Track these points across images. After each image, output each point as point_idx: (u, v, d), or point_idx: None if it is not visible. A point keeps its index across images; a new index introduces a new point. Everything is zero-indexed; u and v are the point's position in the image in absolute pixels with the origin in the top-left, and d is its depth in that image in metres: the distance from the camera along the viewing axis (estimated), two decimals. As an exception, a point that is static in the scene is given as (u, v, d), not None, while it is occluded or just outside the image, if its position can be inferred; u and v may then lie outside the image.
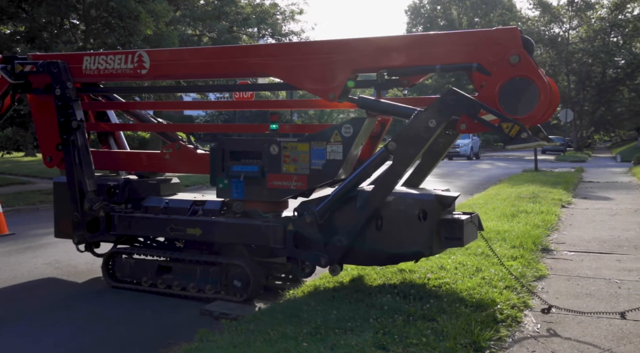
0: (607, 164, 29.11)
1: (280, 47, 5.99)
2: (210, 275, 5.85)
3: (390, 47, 5.40)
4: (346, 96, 5.54)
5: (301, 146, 5.50)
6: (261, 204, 5.74)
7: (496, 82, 4.86)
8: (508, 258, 6.47)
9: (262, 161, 5.62)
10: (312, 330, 4.24)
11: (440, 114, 4.92)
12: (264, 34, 33.42)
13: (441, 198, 5.11)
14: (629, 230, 8.72)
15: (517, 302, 5.00)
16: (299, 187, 5.51)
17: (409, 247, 5.14)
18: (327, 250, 5.29)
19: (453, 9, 60.63)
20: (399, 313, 4.57)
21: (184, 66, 6.25)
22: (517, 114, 4.80)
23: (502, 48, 4.88)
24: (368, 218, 5.14)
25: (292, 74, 5.68)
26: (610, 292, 5.39)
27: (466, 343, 3.93)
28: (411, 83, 5.48)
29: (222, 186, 5.79)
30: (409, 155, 5.05)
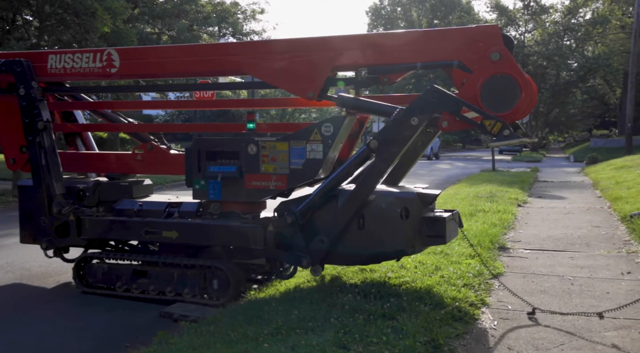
0: (561, 164, 29.96)
1: (257, 44, 5.85)
2: (189, 278, 5.74)
3: (371, 45, 5.38)
4: (325, 94, 5.51)
5: (280, 145, 5.43)
6: (239, 205, 5.66)
7: (477, 79, 4.89)
8: (466, 257, 6.59)
9: (240, 161, 5.53)
10: (273, 331, 4.23)
11: (422, 111, 4.91)
12: (224, 33, 33.11)
13: (423, 196, 5.12)
14: (581, 228, 9.00)
15: (475, 300, 5.10)
16: (279, 187, 5.45)
17: (392, 246, 5.14)
18: (309, 250, 5.24)
19: (413, 11, 61.36)
20: (360, 312, 4.59)
21: (157, 65, 6.08)
22: (498, 111, 4.83)
23: (483, 45, 4.91)
24: (350, 217, 5.11)
25: (269, 73, 5.60)
26: (563, 289, 5.55)
27: (425, 341, 3.98)
28: (391, 81, 5.43)
29: (198, 187, 5.67)
30: (392, 153, 5.03)
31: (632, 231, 8.31)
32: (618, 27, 45.80)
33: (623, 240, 7.96)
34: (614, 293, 5.36)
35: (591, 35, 45.98)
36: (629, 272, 6.11)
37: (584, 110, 54.63)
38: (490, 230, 8.09)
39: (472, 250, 6.84)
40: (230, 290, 5.52)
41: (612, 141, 40.25)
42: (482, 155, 38.20)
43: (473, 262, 6.33)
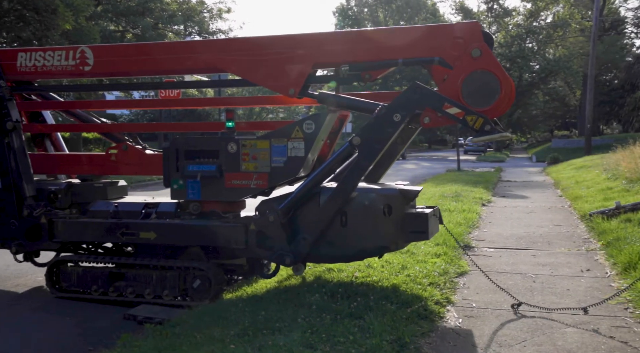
0: (523, 164, 30.58)
1: (238, 41, 5.75)
2: (168, 280, 5.63)
3: (352, 42, 5.37)
4: (306, 92, 5.47)
5: (261, 143, 5.37)
6: (219, 205, 5.60)
7: (458, 75, 4.93)
8: (432, 256, 6.66)
9: (219, 160, 5.46)
10: (239, 332, 4.20)
11: (405, 108, 4.93)
12: (190, 32, 32.79)
13: (405, 193, 5.14)
14: (542, 227, 9.20)
15: (440, 298, 5.16)
16: (260, 186, 5.39)
17: (375, 242, 5.15)
18: (292, 248, 5.21)
19: (380, 12, 61.83)
20: (327, 312, 4.60)
21: (135, 62, 5.95)
22: (479, 106, 4.88)
23: (464, 42, 4.96)
24: (333, 215, 5.09)
25: (250, 70, 5.54)
26: (525, 286, 5.66)
27: (392, 340, 4.01)
28: (373, 78, 5.42)
29: (177, 187, 5.58)
30: (374, 150, 5.02)
31: (591, 229, 8.54)
32: (578, 31, 47.02)
33: (583, 238, 8.17)
34: (574, 290, 5.50)
35: (552, 38, 47.07)
36: (588, 269, 6.27)
37: (545, 111, 55.93)
38: (455, 229, 8.20)
39: (438, 248, 6.95)
40: (211, 291, 5.44)
41: (573, 141, 41.30)
42: (447, 155, 38.73)
43: (439, 261, 6.41)
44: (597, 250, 7.21)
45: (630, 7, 50.26)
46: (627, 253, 6.21)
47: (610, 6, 49.65)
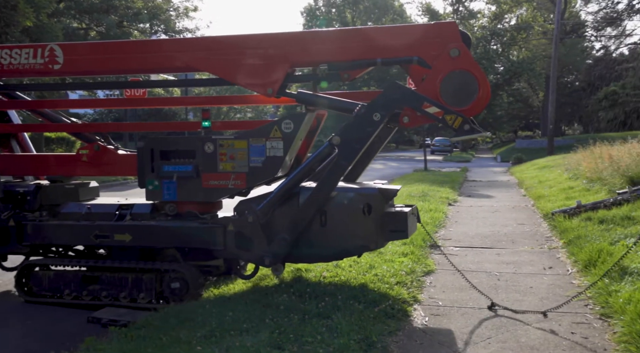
0: (488, 164, 31.12)
1: (214, 40, 5.64)
2: (144, 282, 5.51)
3: (331, 41, 5.35)
4: (284, 91, 5.43)
5: (239, 143, 5.31)
6: (196, 206, 5.51)
7: (437, 75, 4.96)
8: (399, 255, 6.72)
9: (196, 160, 5.38)
10: (206, 333, 4.17)
11: (384, 107, 4.95)
12: (156, 31, 32.36)
13: (384, 192, 5.14)
14: (507, 226, 9.37)
15: (407, 297, 5.21)
16: (238, 186, 5.33)
17: (355, 241, 5.15)
18: (271, 249, 5.17)
19: (347, 12, 62.08)
20: (295, 312, 4.60)
21: (107, 61, 5.78)
22: (458, 106, 4.93)
23: (442, 42, 4.99)
24: (313, 215, 5.07)
25: (227, 69, 5.46)
26: (490, 284, 5.76)
27: (359, 339, 4.03)
28: (352, 77, 5.41)
29: (152, 187, 5.48)
30: (354, 149, 5.03)
31: (553, 228, 8.73)
32: (540, 33, 48.05)
33: (545, 236, 8.35)
34: (537, 287, 5.61)
35: (516, 40, 48.04)
36: (550, 267, 6.42)
37: (510, 112, 57.01)
38: (422, 229, 8.27)
39: (405, 247, 7.01)
40: (189, 293, 5.36)
41: (536, 142, 42.20)
42: (414, 155, 39.13)
43: (406, 260, 6.47)
44: (559, 248, 7.38)
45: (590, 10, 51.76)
46: (587, 251, 6.37)
47: (571, 10, 50.88)
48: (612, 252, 6.13)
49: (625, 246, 6.43)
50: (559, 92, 40.84)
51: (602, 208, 8.79)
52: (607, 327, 4.40)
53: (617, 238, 6.88)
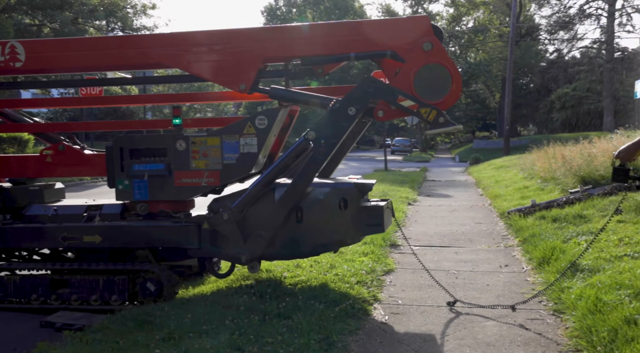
0: (447, 164, 31.65)
1: (185, 36, 5.51)
2: (117, 284, 5.35)
3: (304, 36, 5.29)
4: (257, 87, 5.36)
5: (211, 140, 5.23)
6: (168, 205, 5.40)
7: (410, 69, 4.97)
8: (360, 254, 6.77)
9: (168, 158, 5.28)
10: (165, 336, 4.11)
11: (359, 101, 4.94)
12: (113, 28, 31.68)
13: (360, 186, 5.14)
14: (465, 225, 9.55)
15: (367, 296, 5.25)
16: (211, 183, 5.25)
17: (331, 237, 5.13)
18: (247, 246, 5.11)
19: (308, 12, 62.16)
20: (255, 312, 4.58)
21: (73, 58, 5.56)
22: (431, 99, 4.95)
23: (415, 36, 5.00)
24: (289, 211, 5.04)
25: (198, 65, 5.35)
26: (449, 282, 5.86)
27: (319, 339, 4.04)
28: (325, 72, 5.37)
29: (122, 187, 5.34)
30: (330, 144, 5.00)
31: (509, 226, 8.94)
32: (496, 36, 49.17)
33: (501, 234, 8.55)
34: (493, 285, 5.74)
35: (473, 42, 49.00)
36: (507, 265, 6.57)
37: (468, 113, 58.07)
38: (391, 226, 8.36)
39: (365, 247, 7.06)
40: (164, 293, 5.25)
41: (493, 142, 43.11)
42: (375, 155, 39.46)
43: (366, 260, 6.52)
44: (514, 246, 7.56)
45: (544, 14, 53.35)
46: (542, 248, 6.55)
47: (525, 13, 52.19)
48: (565, 250, 6.32)
49: (577, 243, 6.65)
50: (515, 94, 41.82)
51: (555, 207, 9.05)
52: (559, 323, 4.53)
53: (570, 236, 7.10)
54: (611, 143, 12.08)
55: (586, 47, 47.27)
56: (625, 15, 43.55)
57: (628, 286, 4.65)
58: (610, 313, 4.10)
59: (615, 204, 8.23)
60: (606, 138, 13.67)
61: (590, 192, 9.26)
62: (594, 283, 4.90)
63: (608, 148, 11.40)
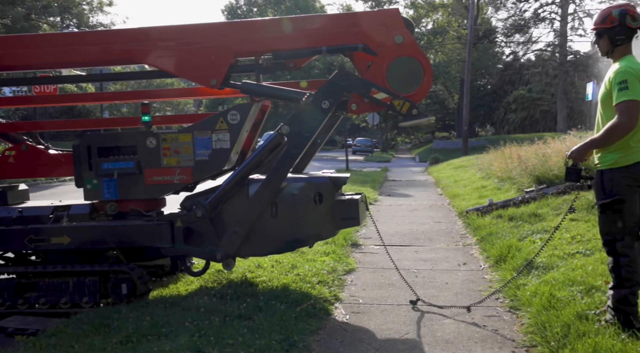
0: (407, 164, 32.03)
1: (154, 31, 5.35)
2: (87, 286, 5.18)
3: (275, 30, 5.23)
4: (228, 82, 5.29)
5: (183, 136, 5.13)
6: (139, 203, 5.28)
7: (383, 62, 4.97)
8: (321, 254, 6.79)
9: (138, 156, 5.16)
10: (122, 339, 4.03)
11: (332, 95, 4.93)
12: (68, 25, 30.90)
13: (335, 180, 5.12)
14: (424, 224, 9.69)
15: (329, 296, 5.27)
16: (184, 180, 5.15)
17: (307, 231, 5.10)
18: (222, 243, 5.04)
19: (269, 12, 61.96)
20: (216, 314, 4.54)
21: (36, 54, 5.35)
22: (404, 91, 4.96)
23: (386, 29, 4.99)
24: (264, 206, 4.99)
25: (167, 60, 5.23)
26: (409, 281, 5.90)
27: (281, 339, 4.04)
28: (297, 66, 5.33)
29: (90, 186, 5.20)
30: (304, 138, 4.97)
31: (467, 225, 9.12)
32: (455, 38, 50.08)
33: (460, 233, 8.71)
34: (452, 283, 5.84)
35: (432, 44, 49.73)
36: (465, 263, 6.69)
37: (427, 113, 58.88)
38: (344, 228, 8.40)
39: (327, 247, 7.08)
40: (137, 294, 5.12)
41: (451, 142, 43.89)
42: (337, 155, 39.61)
43: (328, 259, 6.54)
44: (472, 245, 7.71)
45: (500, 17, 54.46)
46: (498, 247, 6.71)
47: (483, 16, 53.32)
48: (521, 248, 6.49)
49: (532, 241, 6.82)
50: (473, 95, 42.68)
51: (511, 206, 9.28)
52: (515, 319, 4.65)
53: (525, 234, 7.29)
54: (564, 144, 12.44)
55: (541, 50, 48.65)
56: (577, 19, 45.22)
57: (580, 282, 4.81)
58: (563, 309, 4.23)
59: (568, 203, 8.49)
60: (559, 138, 14.06)
61: (544, 191, 9.53)
62: (548, 280, 5.05)
63: (561, 148, 11.75)
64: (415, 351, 4.05)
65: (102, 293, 5.22)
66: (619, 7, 3.94)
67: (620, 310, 3.84)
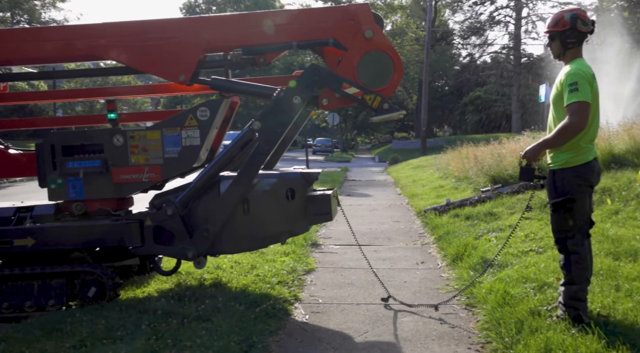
0: (367, 164, 32.27)
1: (121, 26, 5.19)
2: (54, 288, 4.99)
3: (245, 25, 5.16)
4: (197, 78, 5.19)
5: (151, 134, 5.03)
6: (106, 202, 5.13)
7: (353, 56, 4.95)
8: (281, 254, 6.77)
9: (104, 154, 5.03)
10: (76, 343, 3.93)
11: (304, 90, 4.89)
12: (19, 21, 29.94)
13: (306, 176, 5.08)
14: (384, 224, 9.77)
15: (288, 296, 5.26)
16: (153, 178, 5.05)
17: (280, 227, 5.05)
18: (194, 241, 4.95)
19: (228, 10, 61.45)
20: (173, 316, 4.47)
21: None
22: (375, 86, 4.95)
23: (356, 23, 4.98)
24: (235, 203, 4.92)
25: (135, 56, 5.10)
26: (368, 280, 5.97)
27: (239, 340, 4.01)
28: (267, 61, 5.27)
29: (55, 186, 5.04)
30: (276, 134, 4.93)
31: (425, 224, 9.24)
32: (413, 39, 50.67)
33: (418, 232, 8.82)
34: (410, 281, 5.91)
35: (392, 45, 50.17)
36: (423, 262, 6.79)
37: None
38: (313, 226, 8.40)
39: (287, 247, 7.07)
40: (106, 295, 4.97)
41: (410, 142, 44.44)
42: (297, 156, 39.57)
43: (287, 259, 6.53)
44: (430, 244, 7.82)
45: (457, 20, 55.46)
46: (455, 245, 6.83)
47: (441, 18, 54.16)
48: (477, 246, 6.62)
49: (487, 240, 6.97)
50: (431, 96, 43.35)
51: (468, 205, 9.46)
52: (472, 316, 4.74)
53: (481, 233, 7.44)
54: (518, 144, 12.75)
55: (496, 53, 49.66)
56: (531, 23, 46.25)
57: (533, 279, 4.93)
58: (517, 306, 4.34)
59: (522, 202, 8.71)
60: (514, 139, 14.41)
61: (499, 191, 9.75)
62: (502, 277, 5.16)
63: (516, 148, 12.04)
64: (374, 350, 4.08)
65: (69, 296, 5.07)
66: (571, 11, 4.07)
67: (571, 306, 3.96)
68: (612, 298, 4.29)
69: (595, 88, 3.96)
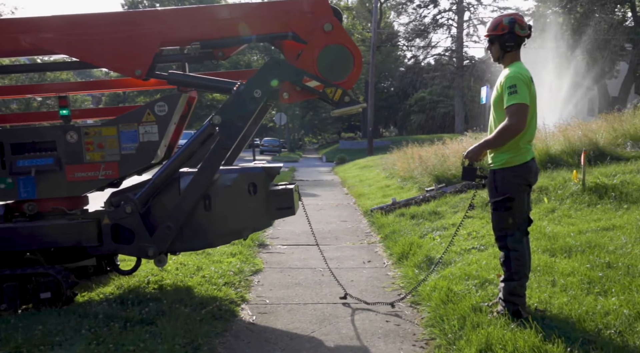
0: (315, 164, 32.35)
1: (71, 19, 4.95)
2: (5, 292, 4.72)
3: (203, 18, 5.05)
4: (154, 72, 5.04)
5: (107, 130, 4.86)
6: (60, 202, 4.92)
7: (313, 50, 4.93)
8: (228, 255, 6.70)
9: (57, 152, 4.82)
10: (11, 350, 3.77)
11: (264, 83, 4.83)
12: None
13: (269, 170, 5.01)
14: (331, 223, 9.83)
15: (235, 297, 5.21)
16: (109, 176, 4.87)
17: (242, 223, 4.96)
18: (154, 239, 4.80)
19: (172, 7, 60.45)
20: (116, 320, 4.36)
21: None
22: (335, 79, 4.94)
23: (315, 17, 4.96)
24: (197, 199, 4.80)
25: (88, 51, 4.90)
26: (315, 280, 5.99)
27: (185, 343, 3.94)
28: (226, 55, 5.17)
29: (4, 186, 4.81)
30: (237, 128, 4.84)
31: (372, 224, 9.35)
32: (359, 41, 51.16)
33: (365, 232, 8.91)
34: (357, 280, 5.97)
35: (339, 46, 50.49)
36: (369, 261, 6.86)
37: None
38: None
39: (234, 247, 7.00)
40: (62, 297, 4.76)
41: (357, 143, 44.82)
42: (244, 155, 39.22)
43: (234, 260, 6.47)
44: (376, 243, 7.92)
45: (402, 22, 56.57)
46: (401, 244, 6.94)
47: (386, 20, 54.96)
48: (421, 245, 6.74)
49: (432, 238, 7.12)
50: (377, 97, 43.85)
51: (413, 205, 9.63)
52: (416, 314, 4.82)
53: (426, 231, 7.59)
54: (461, 144, 13.08)
55: (439, 55, 50.80)
56: (472, 26, 47.67)
57: (475, 276, 5.07)
58: (460, 303, 4.45)
59: (464, 201, 8.94)
60: (457, 139, 14.77)
61: (443, 190, 9.97)
62: (446, 275, 5.28)
63: (458, 149, 12.35)
64: (321, 349, 4.10)
65: (22, 299, 4.84)
66: (509, 16, 4.20)
67: (510, 301, 4.10)
68: (549, 293, 4.46)
69: (533, 91, 4.11)
